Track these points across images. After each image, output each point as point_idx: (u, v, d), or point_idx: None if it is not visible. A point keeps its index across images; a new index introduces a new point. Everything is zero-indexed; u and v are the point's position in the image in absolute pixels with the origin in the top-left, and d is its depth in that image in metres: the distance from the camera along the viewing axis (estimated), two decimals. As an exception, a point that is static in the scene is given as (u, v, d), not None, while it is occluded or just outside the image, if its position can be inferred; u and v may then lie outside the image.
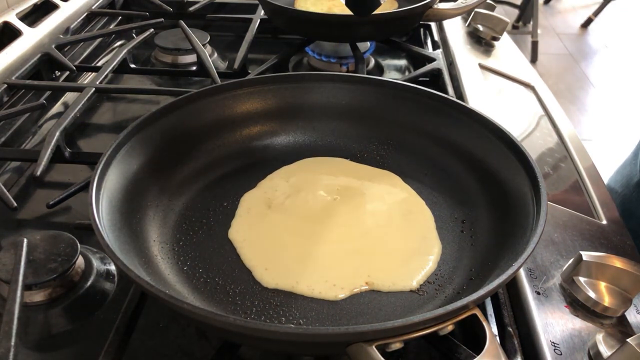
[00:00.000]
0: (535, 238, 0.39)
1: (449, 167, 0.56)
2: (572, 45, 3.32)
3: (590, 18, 3.52)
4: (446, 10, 0.82)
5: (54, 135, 0.60)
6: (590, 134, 2.45)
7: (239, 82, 0.59)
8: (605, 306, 0.43)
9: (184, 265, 0.47)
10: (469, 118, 0.55)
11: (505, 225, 0.47)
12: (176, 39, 0.87)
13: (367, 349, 0.32)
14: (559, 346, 0.41)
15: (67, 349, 0.44)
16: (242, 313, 0.43)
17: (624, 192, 0.74)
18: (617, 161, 0.86)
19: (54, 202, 0.55)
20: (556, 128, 0.71)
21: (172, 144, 0.54)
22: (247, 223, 0.51)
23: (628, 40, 3.41)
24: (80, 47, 0.90)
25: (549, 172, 0.62)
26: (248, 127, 0.60)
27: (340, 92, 0.61)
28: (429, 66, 0.79)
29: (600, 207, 0.57)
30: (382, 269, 0.47)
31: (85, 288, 0.47)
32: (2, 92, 0.71)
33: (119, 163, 0.48)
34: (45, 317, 0.45)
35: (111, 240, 0.40)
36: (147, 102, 0.78)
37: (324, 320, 0.43)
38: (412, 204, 0.54)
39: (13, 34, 0.79)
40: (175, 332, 0.45)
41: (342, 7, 0.86)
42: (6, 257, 0.45)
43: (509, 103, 0.76)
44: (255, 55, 0.89)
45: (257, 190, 0.56)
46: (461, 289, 0.45)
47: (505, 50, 0.91)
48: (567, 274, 0.46)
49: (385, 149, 0.60)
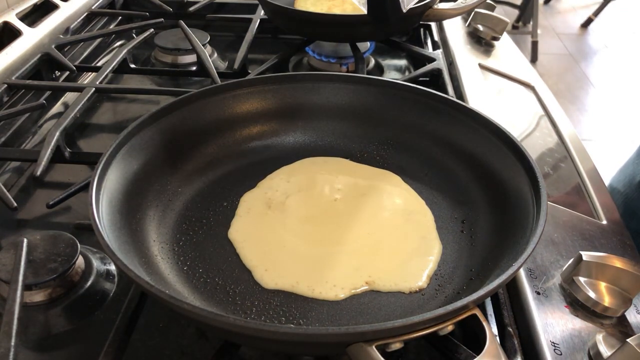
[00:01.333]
0: (535, 238, 0.39)
1: (449, 167, 0.56)
2: (572, 45, 3.32)
3: (590, 18, 3.52)
4: (446, 10, 0.82)
5: (54, 135, 0.60)
6: (590, 134, 2.45)
7: (239, 82, 0.59)
8: (605, 306, 0.43)
9: (184, 265, 0.47)
10: (469, 118, 0.55)
11: (505, 225, 0.47)
12: (176, 39, 0.87)
13: (367, 349, 0.32)
14: (559, 346, 0.41)
15: (67, 349, 0.44)
16: (242, 313, 0.43)
17: (627, 192, 0.74)
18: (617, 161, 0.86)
19: (54, 202, 0.55)
20: (556, 128, 0.71)
21: (172, 144, 0.54)
22: (247, 223, 0.51)
23: (628, 40, 3.41)
24: (80, 47, 0.90)
25: (549, 172, 0.62)
26: (248, 127, 0.60)
27: (340, 92, 0.61)
28: (429, 66, 0.79)
29: (600, 207, 0.57)
30: (382, 269, 0.47)
31: (85, 288, 0.47)
32: (2, 92, 0.71)
33: (119, 163, 0.48)
34: (45, 317, 0.45)
35: (111, 240, 0.40)
36: (147, 102, 0.78)
37: (324, 320, 0.43)
38: (412, 204, 0.54)
39: (13, 34, 0.79)
40: (175, 332, 0.45)
41: (342, 7, 0.86)
42: (6, 257, 0.45)
43: (509, 103, 0.76)
44: (255, 55, 0.89)
45: (257, 190, 0.56)
46: (461, 289, 0.45)
47: (505, 50, 0.91)
48: (567, 274, 0.46)
49: (385, 149, 0.60)
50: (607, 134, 2.45)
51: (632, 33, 3.50)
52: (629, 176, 0.76)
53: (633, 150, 0.83)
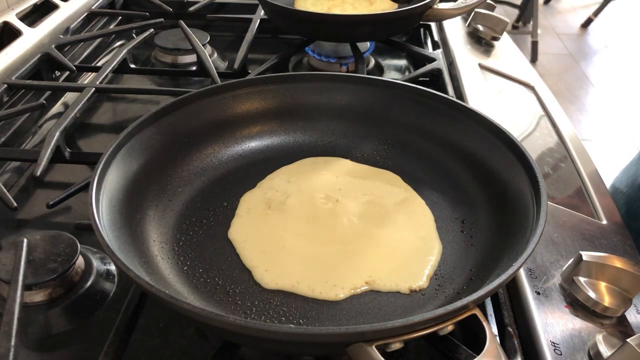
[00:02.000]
0: (535, 238, 0.39)
1: (449, 167, 0.56)
2: (572, 45, 3.32)
3: (590, 18, 3.52)
4: (446, 10, 0.82)
5: (54, 135, 0.60)
6: (590, 134, 2.45)
7: (239, 82, 0.59)
8: (605, 306, 0.43)
9: (184, 265, 0.47)
10: (469, 118, 0.55)
11: (505, 225, 0.47)
12: (176, 39, 0.87)
13: (367, 349, 0.32)
14: (559, 346, 0.41)
15: (67, 349, 0.44)
16: (242, 313, 0.43)
17: (629, 192, 0.74)
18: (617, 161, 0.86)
19: (54, 202, 0.55)
20: (556, 128, 0.71)
21: (172, 144, 0.54)
22: (247, 223, 0.51)
23: (628, 40, 3.41)
24: (80, 47, 0.90)
25: (549, 172, 0.62)
26: (248, 127, 0.60)
27: (340, 92, 0.61)
28: (429, 66, 0.79)
29: (600, 207, 0.57)
30: (382, 269, 0.47)
31: (85, 288, 0.47)
32: (2, 92, 0.71)
33: (119, 163, 0.48)
34: (45, 317, 0.45)
35: (111, 240, 0.40)
36: (147, 102, 0.78)
37: (324, 320, 0.43)
38: (412, 204, 0.54)
39: (13, 34, 0.79)
40: (175, 332, 0.45)
41: (342, 7, 0.86)
42: (6, 257, 0.45)
43: (509, 103, 0.76)
44: (255, 55, 0.89)
45: (257, 190, 0.56)
46: (461, 289, 0.45)
47: (505, 50, 0.91)
48: (567, 274, 0.46)
49: (385, 149, 0.60)
50: (607, 134, 2.45)
51: (632, 33, 3.50)
52: (632, 177, 0.76)
53: (633, 150, 0.83)
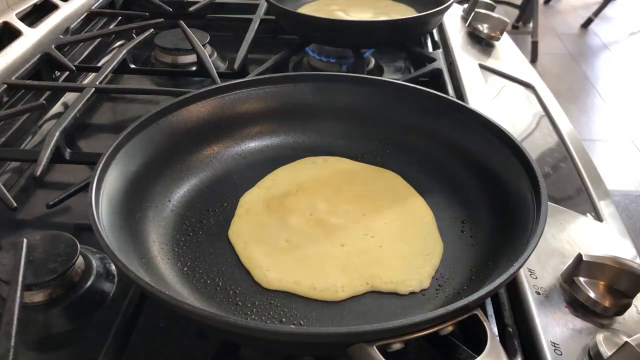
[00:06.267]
0: (535, 238, 0.39)
1: (449, 167, 0.56)
2: (572, 45, 3.32)
3: (590, 18, 3.52)
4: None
5: (54, 136, 0.60)
6: (590, 133, 2.45)
7: (239, 83, 0.59)
8: (605, 306, 0.43)
9: (184, 266, 0.47)
10: (469, 118, 0.55)
11: (505, 226, 0.47)
12: (176, 39, 0.87)
13: (368, 350, 0.32)
14: (559, 346, 0.40)
15: (67, 349, 0.44)
16: (242, 314, 0.43)
17: None
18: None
19: (54, 202, 0.55)
20: (556, 128, 0.71)
21: (171, 144, 0.54)
22: (247, 223, 0.51)
23: (628, 40, 3.41)
24: (80, 47, 0.90)
25: (549, 172, 0.62)
26: (248, 127, 0.60)
27: (340, 92, 0.61)
28: (429, 66, 0.79)
29: (600, 207, 0.57)
30: (382, 270, 0.46)
31: (85, 288, 0.47)
32: (2, 92, 0.71)
33: (119, 163, 0.48)
34: (45, 317, 0.45)
35: (111, 240, 0.40)
36: (147, 102, 0.78)
37: (324, 320, 0.43)
38: (413, 203, 0.54)
39: (13, 34, 0.79)
40: (175, 332, 0.45)
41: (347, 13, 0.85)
42: (6, 257, 0.45)
43: (509, 103, 0.76)
44: (255, 55, 0.88)
45: (257, 190, 0.55)
46: (461, 289, 0.45)
47: (505, 50, 0.91)
48: (567, 274, 0.46)
49: (385, 149, 0.60)
50: (607, 134, 2.45)
51: (632, 33, 3.50)
52: None
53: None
